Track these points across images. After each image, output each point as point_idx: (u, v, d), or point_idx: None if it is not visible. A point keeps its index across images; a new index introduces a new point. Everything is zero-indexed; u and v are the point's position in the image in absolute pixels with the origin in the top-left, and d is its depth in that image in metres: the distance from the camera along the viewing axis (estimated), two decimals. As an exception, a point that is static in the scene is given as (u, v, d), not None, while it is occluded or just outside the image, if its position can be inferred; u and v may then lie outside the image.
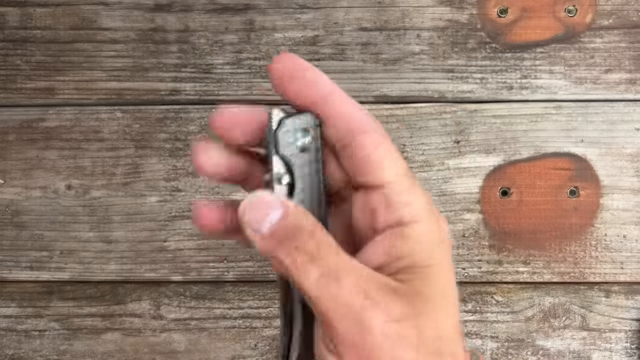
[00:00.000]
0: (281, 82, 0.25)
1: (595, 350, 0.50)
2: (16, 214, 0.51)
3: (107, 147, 0.51)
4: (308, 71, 0.25)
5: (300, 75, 0.25)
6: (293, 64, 0.25)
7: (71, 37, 0.51)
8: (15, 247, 0.52)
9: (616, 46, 0.50)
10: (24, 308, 0.52)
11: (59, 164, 0.51)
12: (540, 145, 0.50)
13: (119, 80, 0.51)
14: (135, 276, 0.51)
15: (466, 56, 0.50)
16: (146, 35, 0.51)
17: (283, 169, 0.26)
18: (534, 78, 0.50)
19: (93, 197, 0.51)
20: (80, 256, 0.51)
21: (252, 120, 0.26)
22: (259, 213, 0.24)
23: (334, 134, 0.25)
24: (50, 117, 0.51)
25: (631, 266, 0.50)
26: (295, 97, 0.25)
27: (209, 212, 0.27)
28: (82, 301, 0.51)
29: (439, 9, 0.51)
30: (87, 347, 0.51)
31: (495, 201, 0.50)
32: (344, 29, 0.51)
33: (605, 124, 0.50)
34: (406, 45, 0.50)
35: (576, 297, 0.50)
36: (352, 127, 0.25)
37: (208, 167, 0.26)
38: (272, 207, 0.24)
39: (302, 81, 0.25)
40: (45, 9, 0.52)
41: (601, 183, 0.50)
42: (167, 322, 0.51)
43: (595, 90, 0.50)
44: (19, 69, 0.52)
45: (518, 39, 0.50)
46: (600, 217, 0.50)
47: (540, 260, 0.50)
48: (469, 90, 0.50)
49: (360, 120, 0.25)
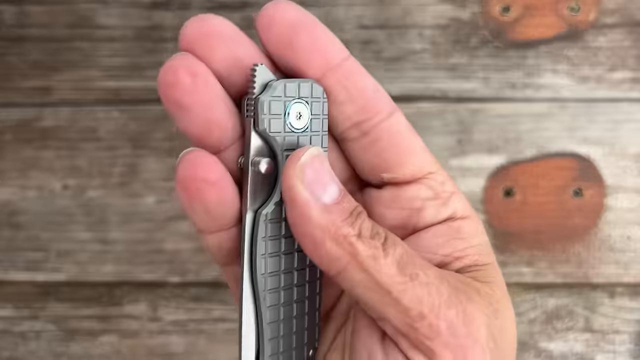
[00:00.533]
0: (277, 46, 0.19)
1: (599, 352, 0.50)
2: (12, 214, 0.51)
3: (103, 146, 0.51)
4: (315, 30, 0.19)
5: (305, 39, 0.18)
6: (294, 17, 0.18)
7: (68, 35, 0.51)
8: (11, 248, 0.51)
9: (620, 45, 0.50)
10: (20, 309, 0.51)
11: (55, 163, 0.51)
12: (543, 144, 0.50)
13: (116, 79, 0.51)
14: (133, 277, 0.51)
15: (469, 54, 0.50)
16: (143, 33, 0.51)
17: (264, 152, 0.19)
18: (537, 77, 0.50)
19: (90, 197, 0.51)
20: (77, 257, 0.51)
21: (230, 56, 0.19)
22: (317, 179, 0.17)
23: (348, 115, 0.19)
24: (47, 117, 0.51)
25: (635, 267, 0.50)
26: (295, 66, 0.19)
27: (214, 164, 0.19)
28: (79, 303, 0.51)
29: (441, 7, 0.50)
30: (83, 349, 0.51)
31: (498, 201, 0.50)
32: (345, 27, 0.50)
33: (610, 123, 0.50)
34: (408, 44, 0.50)
35: (580, 298, 0.50)
36: (373, 108, 0.19)
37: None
38: (328, 180, 0.18)
39: (307, 45, 0.18)
40: (41, 7, 0.51)
41: (605, 183, 0.50)
42: (165, 324, 0.51)
43: (599, 89, 0.50)
44: (15, 68, 0.51)
45: (521, 37, 0.50)
46: (604, 218, 0.50)
47: (543, 261, 0.50)
48: (471, 89, 0.50)
49: (382, 99, 0.20)
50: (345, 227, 0.17)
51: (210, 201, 0.19)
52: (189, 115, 0.18)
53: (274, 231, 0.19)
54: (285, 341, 0.20)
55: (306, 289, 0.20)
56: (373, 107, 0.19)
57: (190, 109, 0.18)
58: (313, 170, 0.17)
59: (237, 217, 0.19)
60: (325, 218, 0.17)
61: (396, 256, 0.17)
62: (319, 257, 0.17)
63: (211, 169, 0.18)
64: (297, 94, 0.19)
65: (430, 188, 0.20)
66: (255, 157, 0.19)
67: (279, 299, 0.20)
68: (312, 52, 0.19)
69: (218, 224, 0.19)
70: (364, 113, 0.19)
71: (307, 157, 0.17)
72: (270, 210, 0.19)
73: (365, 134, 0.20)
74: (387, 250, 0.17)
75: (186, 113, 0.18)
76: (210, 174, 0.18)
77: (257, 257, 0.19)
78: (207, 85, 0.18)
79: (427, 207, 0.20)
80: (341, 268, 0.17)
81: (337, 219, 0.17)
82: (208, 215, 0.19)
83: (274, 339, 0.20)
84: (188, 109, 0.18)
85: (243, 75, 0.19)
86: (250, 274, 0.19)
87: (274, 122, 0.19)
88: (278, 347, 0.20)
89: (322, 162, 0.18)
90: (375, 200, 0.21)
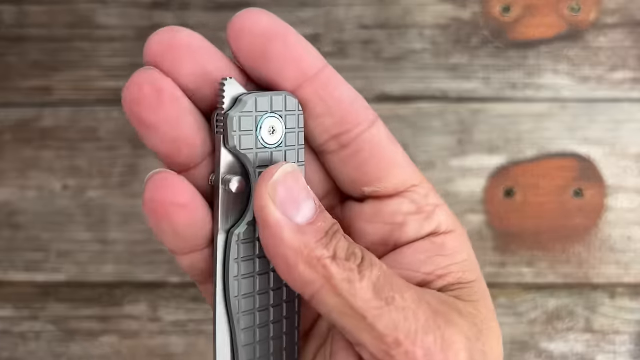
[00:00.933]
0: (249, 57, 0.18)
1: (599, 353, 0.50)
2: (11, 214, 0.51)
3: (103, 146, 0.51)
4: (288, 39, 0.18)
5: (278, 48, 0.17)
6: (266, 26, 0.17)
7: (67, 35, 0.51)
8: (11, 248, 0.51)
9: (620, 44, 0.50)
10: (20, 310, 0.51)
11: (55, 163, 0.51)
12: (544, 144, 0.50)
13: (116, 79, 0.51)
14: (132, 278, 0.51)
15: (469, 54, 0.50)
16: (143, 33, 0.51)
17: (236, 169, 0.18)
18: (537, 77, 0.50)
19: (89, 197, 0.51)
20: (77, 257, 0.51)
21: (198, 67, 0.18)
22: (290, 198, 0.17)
23: (326, 127, 0.19)
24: (46, 116, 0.51)
25: (636, 267, 0.50)
26: (269, 78, 0.18)
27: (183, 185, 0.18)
28: (78, 303, 0.51)
29: (441, 7, 0.50)
30: (83, 350, 0.51)
31: (498, 201, 0.50)
32: (345, 26, 0.50)
33: (610, 123, 0.50)
34: (408, 43, 0.50)
35: (580, 298, 0.50)
36: (352, 119, 0.18)
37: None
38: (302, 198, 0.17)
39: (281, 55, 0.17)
40: (41, 6, 0.51)
41: (605, 183, 0.50)
42: (165, 324, 0.51)
43: (599, 89, 0.50)
44: (15, 68, 0.51)
45: (521, 37, 0.50)
46: (604, 218, 0.50)
47: (543, 262, 0.50)
48: (472, 88, 0.50)
49: (361, 109, 0.19)
50: (319, 248, 0.16)
51: (179, 223, 0.18)
52: (155, 133, 0.17)
53: (247, 251, 0.19)
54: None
55: (283, 309, 0.20)
56: (352, 118, 0.18)
57: (157, 126, 0.17)
58: (285, 188, 0.17)
59: (209, 238, 0.19)
60: (297, 239, 0.16)
61: (372, 278, 0.17)
62: (292, 280, 0.17)
63: (180, 191, 0.18)
64: (269, 107, 0.18)
65: (413, 202, 0.19)
66: (226, 174, 0.18)
67: (254, 320, 0.19)
68: (287, 61, 0.18)
69: (189, 245, 0.19)
70: (342, 125, 0.18)
71: (280, 175, 0.17)
72: (242, 230, 0.18)
73: (345, 146, 0.19)
74: (362, 273, 0.17)
75: (153, 131, 0.17)
76: (179, 197, 0.18)
77: (230, 279, 0.18)
78: (173, 101, 0.17)
79: (409, 221, 0.19)
80: (315, 291, 0.17)
81: (311, 240, 0.16)
82: (177, 237, 0.18)
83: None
84: (154, 127, 0.17)
85: (212, 89, 0.18)
86: (224, 295, 0.18)
87: (244, 139, 0.18)
88: None
89: (295, 179, 0.17)
90: (356, 214, 0.20)
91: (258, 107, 0.18)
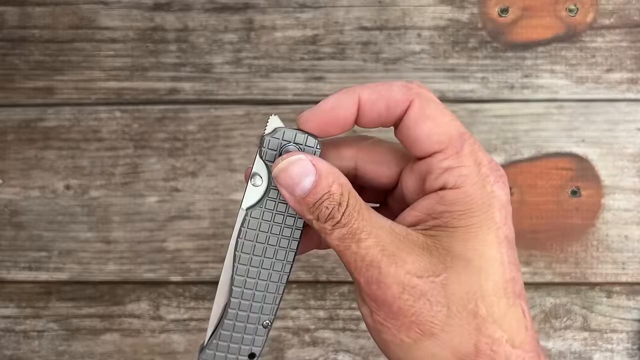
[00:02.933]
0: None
1: (596, 351, 0.50)
2: (15, 214, 0.51)
3: (106, 146, 0.51)
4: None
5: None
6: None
7: (70, 36, 0.51)
8: (14, 248, 0.51)
9: (617, 46, 0.50)
10: (23, 308, 0.52)
11: (57, 163, 0.51)
12: (541, 145, 0.50)
13: (118, 80, 0.51)
14: (134, 277, 0.51)
15: (467, 55, 0.50)
16: (145, 34, 0.51)
17: (263, 171, 0.26)
18: (535, 77, 0.50)
19: (92, 197, 0.51)
20: (79, 256, 0.51)
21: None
22: (292, 176, 0.25)
23: (379, 114, 0.26)
24: (49, 117, 0.51)
25: (633, 266, 0.50)
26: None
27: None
28: (81, 302, 0.51)
29: (440, 8, 0.50)
30: (85, 348, 0.51)
31: (496, 201, 0.50)
32: (344, 28, 0.50)
33: (607, 124, 0.50)
34: (407, 45, 0.50)
35: (577, 297, 0.50)
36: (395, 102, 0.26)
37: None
38: (305, 173, 0.25)
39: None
40: (44, 8, 0.51)
41: (602, 183, 0.50)
42: (167, 322, 0.51)
43: (596, 90, 0.50)
44: (18, 69, 0.51)
45: (519, 39, 0.50)
46: (601, 217, 0.50)
47: (541, 261, 0.50)
48: (470, 89, 0.50)
49: (403, 89, 0.27)
50: (307, 214, 0.25)
51: None
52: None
53: (253, 225, 0.27)
54: (252, 291, 0.28)
55: (276, 252, 0.28)
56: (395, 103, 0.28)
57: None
58: (287, 175, 0.25)
59: None
60: (296, 207, 0.25)
61: (338, 234, 0.25)
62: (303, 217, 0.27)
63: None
64: (293, 139, 0.26)
65: (429, 165, 0.26)
66: (254, 173, 0.26)
67: (252, 250, 0.27)
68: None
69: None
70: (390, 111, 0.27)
71: (284, 164, 0.25)
72: (254, 210, 0.27)
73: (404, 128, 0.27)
74: (332, 230, 0.25)
75: None
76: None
77: (239, 238, 0.27)
78: None
79: (427, 179, 0.26)
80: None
81: (304, 209, 0.25)
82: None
83: (239, 287, 0.28)
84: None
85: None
86: (234, 248, 0.27)
87: (269, 154, 0.26)
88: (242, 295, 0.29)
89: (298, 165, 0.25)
90: (411, 171, 0.27)
91: (285, 137, 0.26)
